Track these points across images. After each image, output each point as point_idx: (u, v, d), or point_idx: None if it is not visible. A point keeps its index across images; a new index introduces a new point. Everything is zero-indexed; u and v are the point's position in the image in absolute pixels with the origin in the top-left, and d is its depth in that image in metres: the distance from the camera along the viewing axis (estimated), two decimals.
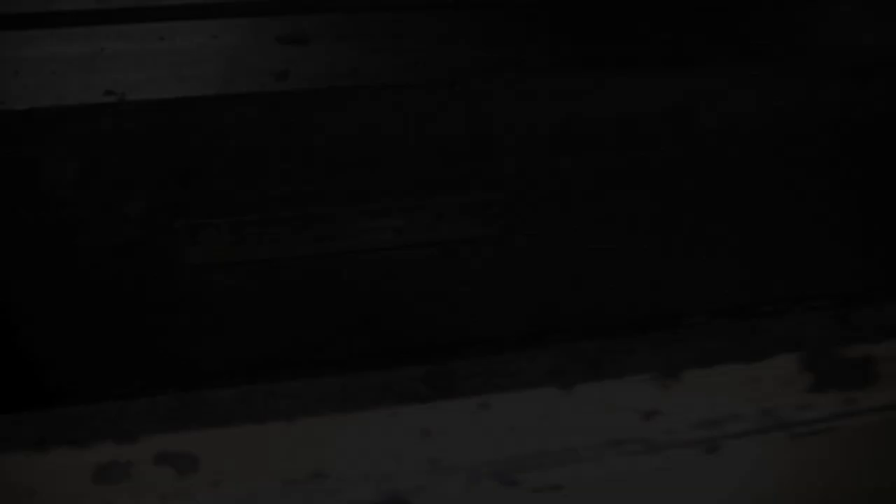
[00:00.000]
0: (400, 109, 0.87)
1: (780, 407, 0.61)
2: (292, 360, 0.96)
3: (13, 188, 0.81)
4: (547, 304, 1.00)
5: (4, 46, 0.83)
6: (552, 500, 0.58)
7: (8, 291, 0.82)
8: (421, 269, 0.95)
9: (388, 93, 0.86)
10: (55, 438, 0.51)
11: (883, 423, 0.61)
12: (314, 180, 0.87)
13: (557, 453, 0.60)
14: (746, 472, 0.61)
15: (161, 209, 0.86)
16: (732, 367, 0.62)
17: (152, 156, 0.82)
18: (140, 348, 0.90)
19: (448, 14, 0.95)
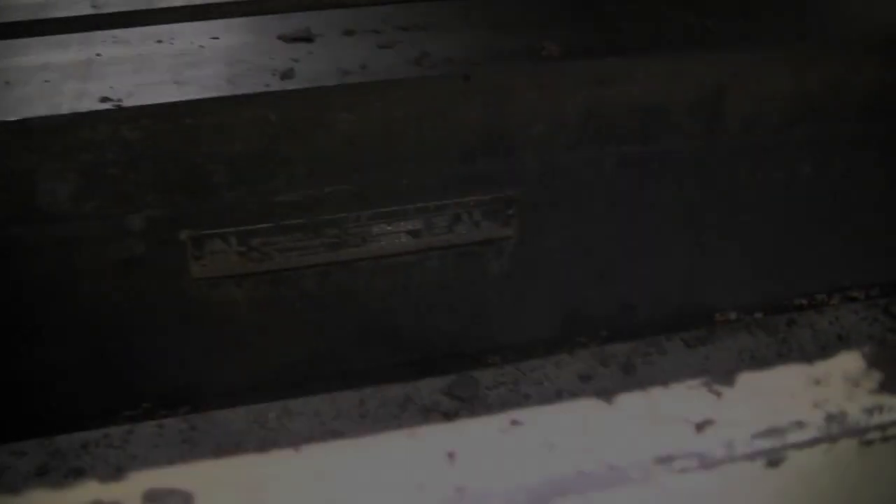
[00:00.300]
0: (412, 105, 0.87)
1: (848, 412, 0.57)
2: (308, 375, 0.94)
3: (7, 204, 0.80)
4: (573, 306, 0.97)
5: None
6: None
7: (6, 313, 0.81)
8: (439, 274, 0.92)
9: (399, 88, 0.86)
10: (38, 473, 0.49)
11: None
12: (324, 184, 0.84)
13: (601, 474, 0.56)
14: (813, 487, 0.56)
15: (164, 221, 0.85)
16: (793, 367, 0.59)
17: (153, 165, 0.79)
18: (148, 368, 0.89)
19: (459, 4, 0.92)
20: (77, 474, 0.59)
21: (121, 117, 0.74)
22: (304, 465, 0.57)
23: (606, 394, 0.68)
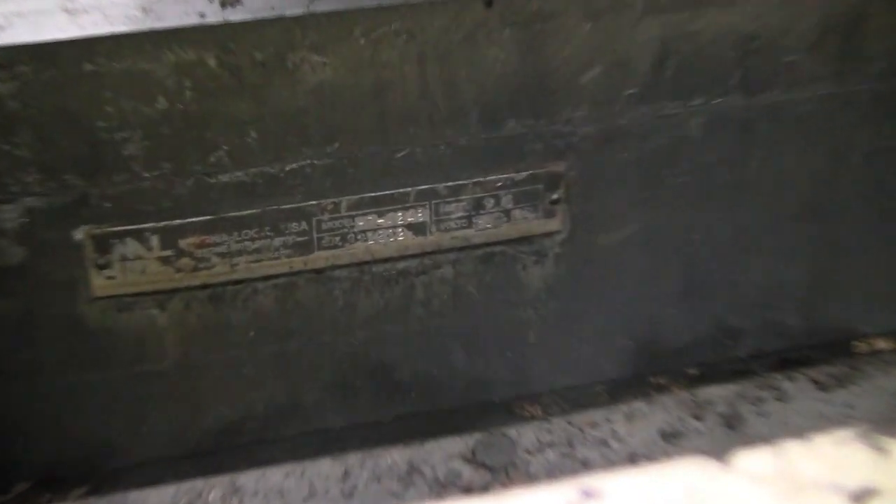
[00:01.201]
0: (412, 43, 0.84)
1: None
2: (266, 437, 0.91)
3: None
4: (648, 333, 0.96)
5: None
6: None
7: None
8: (454, 288, 0.92)
9: (393, 17, 0.83)
10: None
11: None
12: (286, 157, 0.84)
13: None
14: None
15: (52, 213, 0.82)
16: None
17: (34, 132, 0.79)
18: (27, 432, 0.85)
19: None
20: None
21: None
22: None
23: (713, 453, 0.65)
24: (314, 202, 0.87)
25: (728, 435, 0.75)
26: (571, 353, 0.96)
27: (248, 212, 0.86)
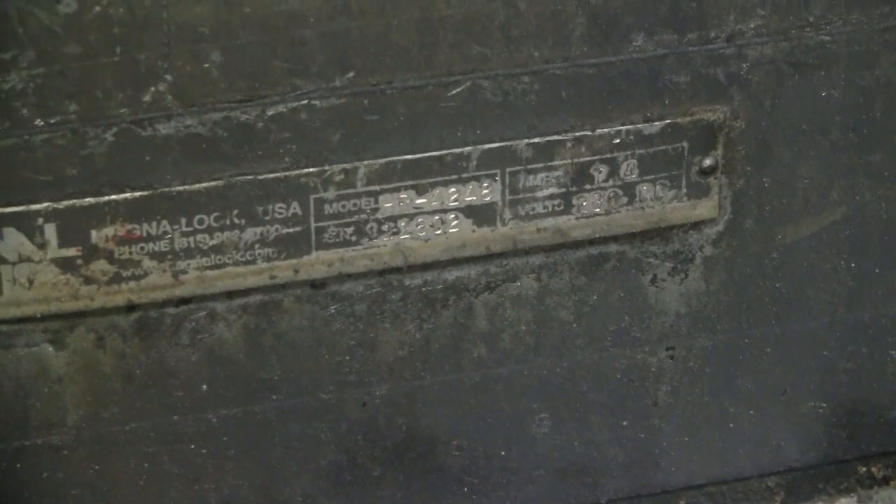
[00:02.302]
0: None
1: None
2: None
3: None
4: (844, 392, 0.98)
5: None
6: None
7: None
8: (541, 315, 0.93)
9: None
10: None
11: None
12: (265, 96, 0.84)
13: None
14: None
15: None
16: None
17: None
18: None
19: None
20: None
21: None
22: None
23: None
24: (312, 169, 0.86)
25: None
26: (727, 424, 0.98)
27: (204, 185, 0.84)
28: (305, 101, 0.85)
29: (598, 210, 0.90)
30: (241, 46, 0.83)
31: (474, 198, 0.89)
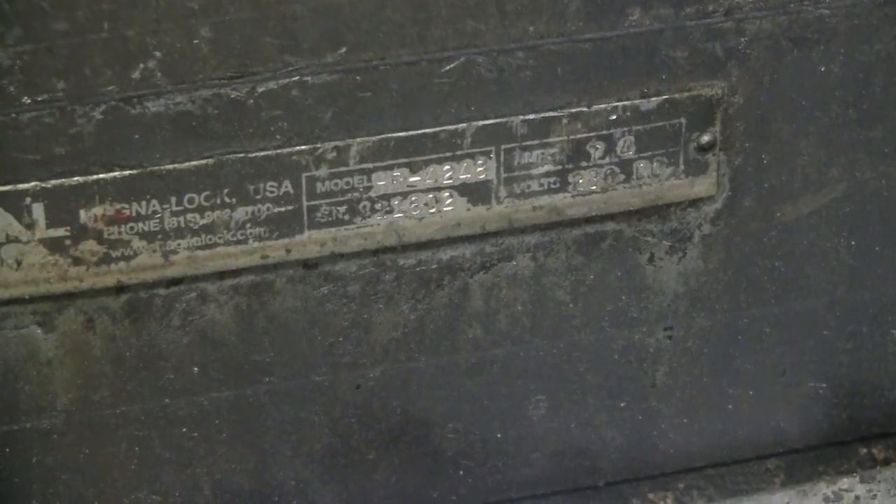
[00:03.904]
0: None
1: None
2: None
3: None
4: (845, 373, 0.98)
5: None
6: None
7: None
8: (537, 294, 0.93)
9: None
10: None
11: None
12: (256, 72, 0.84)
13: None
14: None
15: None
16: None
17: None
18: None
19: None
20: None
21: None
22: None
23: None
24: (304, 147, 0.86)
25: None
26: (726, 405, 0.97)
27: (195, 163, 0.84)
28: (297, 78, 0.85)
29: (594, 188, 0.90)
30: (232, 22, 0.82)
31: (469, 176, 0.89)
